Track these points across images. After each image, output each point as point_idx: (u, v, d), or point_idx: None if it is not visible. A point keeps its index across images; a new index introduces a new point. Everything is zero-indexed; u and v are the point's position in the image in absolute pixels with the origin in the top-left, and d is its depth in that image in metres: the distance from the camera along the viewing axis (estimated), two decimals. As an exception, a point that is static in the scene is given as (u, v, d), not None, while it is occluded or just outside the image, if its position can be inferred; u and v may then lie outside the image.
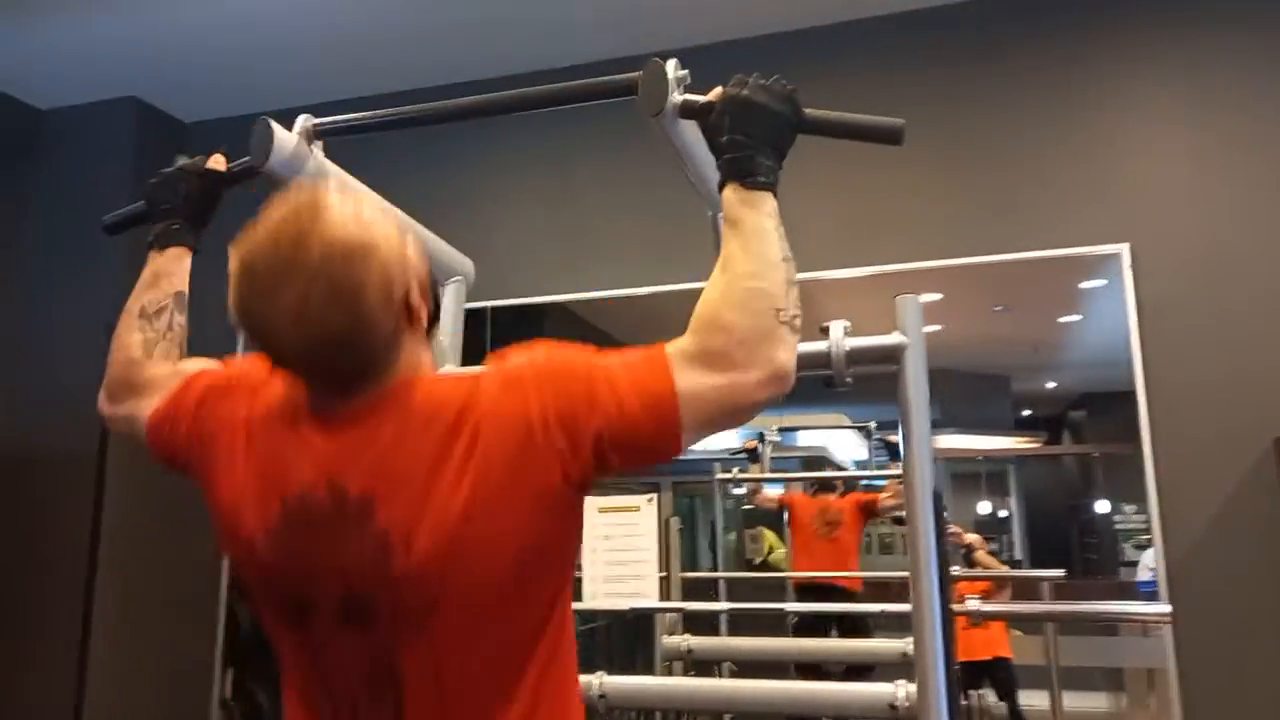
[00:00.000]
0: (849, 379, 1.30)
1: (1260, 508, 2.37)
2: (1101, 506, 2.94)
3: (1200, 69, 2.66)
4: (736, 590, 3.05)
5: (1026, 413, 3.11)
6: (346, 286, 0.89)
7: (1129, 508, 2.92)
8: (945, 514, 1.27)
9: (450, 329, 1.51)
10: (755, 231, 0.98)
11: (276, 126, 1.19)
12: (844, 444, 3.20)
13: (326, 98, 3.26)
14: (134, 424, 1.11)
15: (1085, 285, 2.83)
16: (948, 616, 1.22)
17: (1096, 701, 2.82)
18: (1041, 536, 2.97)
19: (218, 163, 1.27)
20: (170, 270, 1.21)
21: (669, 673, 2.40)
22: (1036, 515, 3.00)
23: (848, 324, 1.30)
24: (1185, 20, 2.69)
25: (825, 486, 3.14)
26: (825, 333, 1.28)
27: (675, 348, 0.94)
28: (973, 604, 2.01)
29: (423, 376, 0.96)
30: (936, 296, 2.89)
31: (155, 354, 1.15)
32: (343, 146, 1.31)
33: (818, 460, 3.22)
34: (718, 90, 1.04)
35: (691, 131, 1.13)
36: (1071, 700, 2.52)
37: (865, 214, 2.89)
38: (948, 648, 1.21)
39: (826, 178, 2.81)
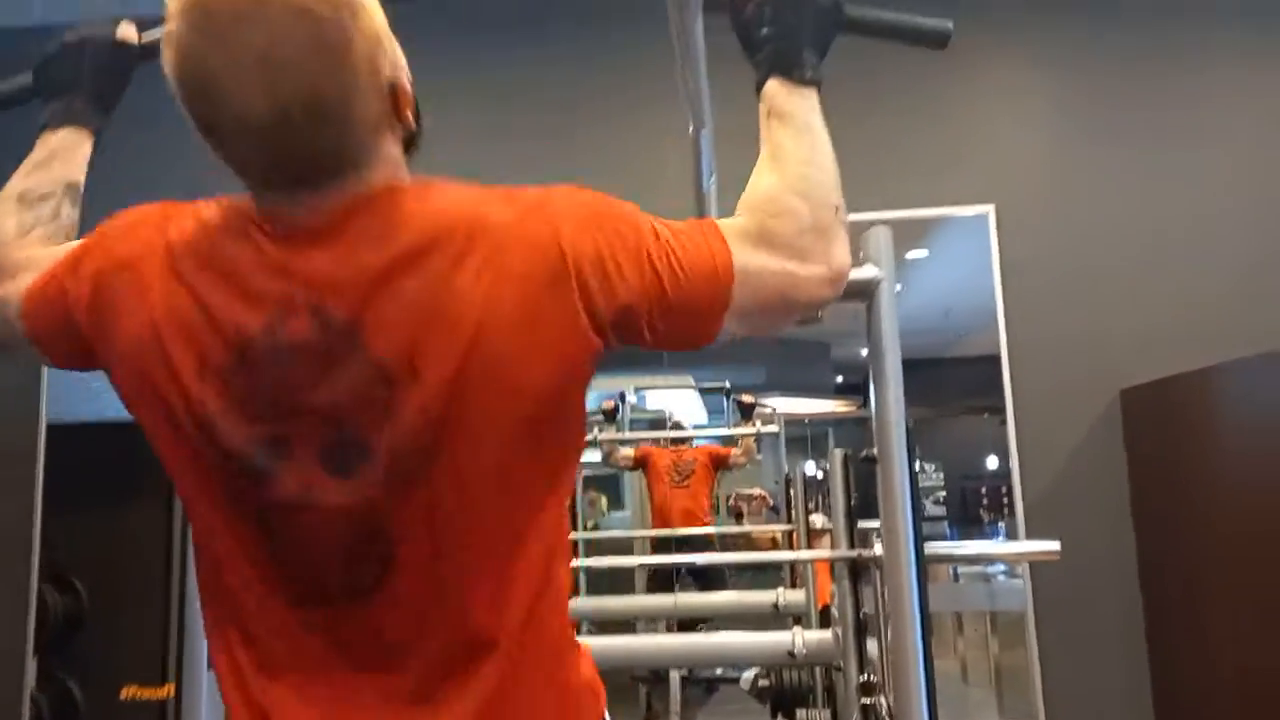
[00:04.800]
0: (820, 314, 1.24)
1: (1106, 455, 2.57)
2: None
3: (1057, 44, 2.83)
4: (589, 552, 3.00)
5: (840, 379, 3.24)
6: (333, 34, 0.71)
7: (929, 466, 3.11)
8: (916, 455, 1.24)
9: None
10: (807, 124, 0.90)
11: None
12: (687, 406, 3.20)
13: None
14: (3, 308, 0.87)
15: (910, 255, 2.96)
16: (922, 563, 1.19)
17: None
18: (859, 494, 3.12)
19: (128, 33, 1.04)
20: (66, 153, 0.98)
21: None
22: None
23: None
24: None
25: (677, 439, 3.16)
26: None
27: (731, 223, 0.84)
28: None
29: (408, 185, 0.79)
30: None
31: (32, 237, 0.91)
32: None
33: (664, 421, 3.21)
34: None
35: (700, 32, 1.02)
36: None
37: (727, 169, 2.87)
38: (922, 595, 1.18)
39: (680, 124, 2.76)
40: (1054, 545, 1.74)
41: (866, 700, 1.75)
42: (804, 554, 2.27)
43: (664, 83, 1.10)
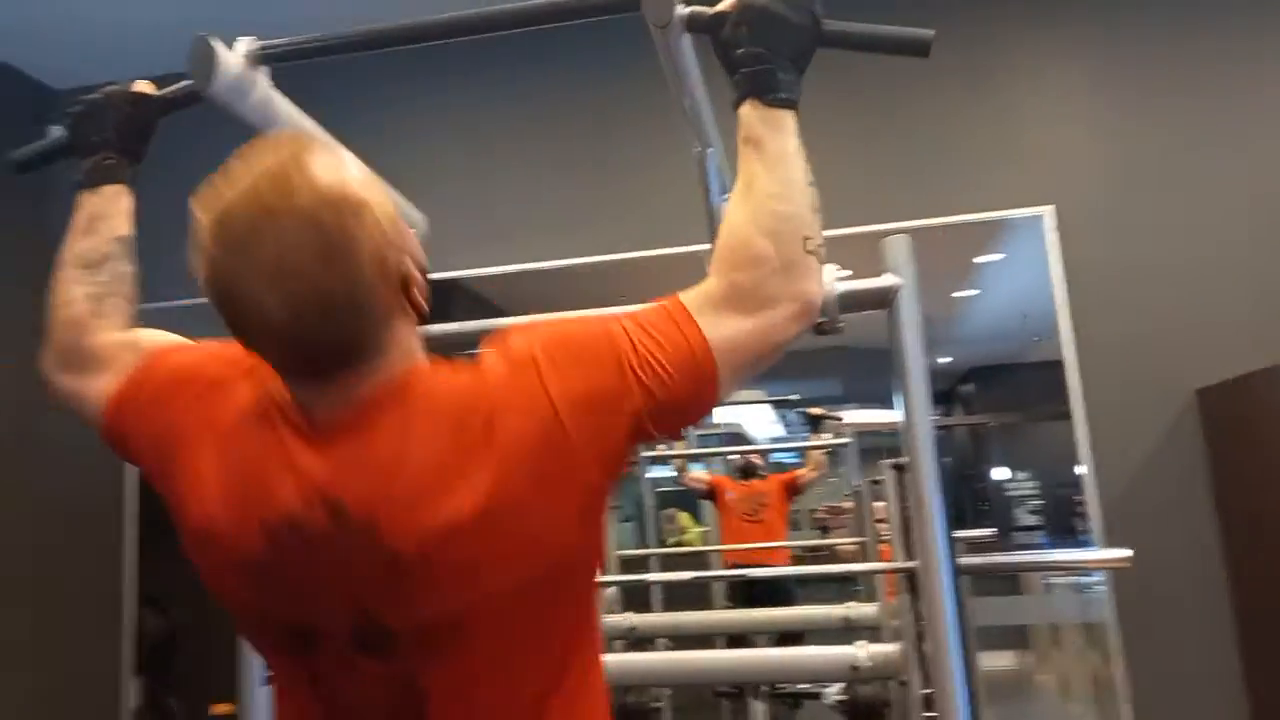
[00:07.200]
0: (840, 324, 1.24)
1: (1185, 457, 2.47)
2: (998, 474, 3.02)
3: (1109, 37, 2.75)
4: (667, 569, 3.01)
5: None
6: (338, 239, 0.76)
7: (1020, 474, 3.02)
8: (945, 463, 1.23)
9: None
10: (779, 153, 0.91)
11: (219, 45, 1.04)
12: (758, 421, 3.18)
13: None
14: (84, 403, 0.97)
15: (980, 260, 2.89)
16: (955, 570, 1.18)
17: (1004, 660, 2.90)
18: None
19: (148, 87, 1.12)
20: (108, 212, 1.05)
21: (610, 651, 2.32)
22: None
23: (838, 267, 1.25)
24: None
25: (749, 472, 3.12)
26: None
27: (696, 295, 0.87)
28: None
29: (420, 369, 0.84)
30: (846, 272, 2.90)
31: (106, 312, 1.00)
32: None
33: (736, 437, 3.19)
34: (730, 0, 0.96)
35: (690, 52, 1.04)
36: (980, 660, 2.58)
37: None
38: (958, 602, 1.17)
39: (729, 140, 2.77)
40: (1125, 553, 1.69)
41: (929, 714, 1.71)
42: (857, 566, 2.24)
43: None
